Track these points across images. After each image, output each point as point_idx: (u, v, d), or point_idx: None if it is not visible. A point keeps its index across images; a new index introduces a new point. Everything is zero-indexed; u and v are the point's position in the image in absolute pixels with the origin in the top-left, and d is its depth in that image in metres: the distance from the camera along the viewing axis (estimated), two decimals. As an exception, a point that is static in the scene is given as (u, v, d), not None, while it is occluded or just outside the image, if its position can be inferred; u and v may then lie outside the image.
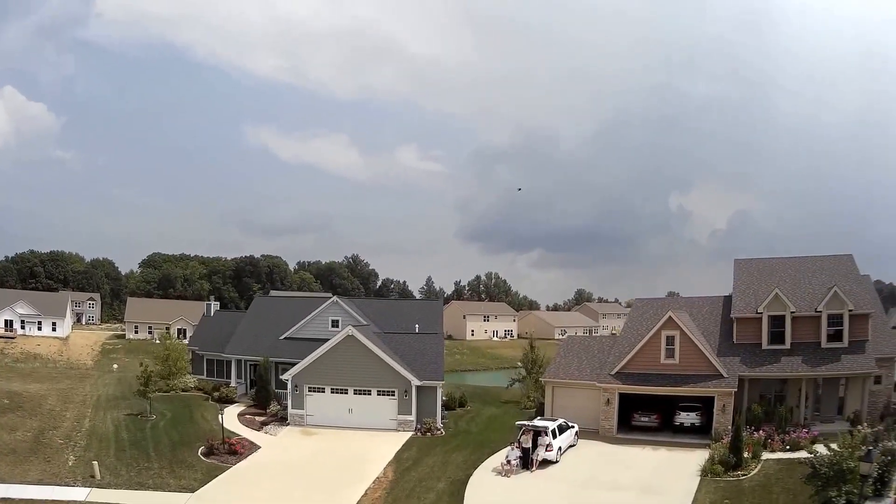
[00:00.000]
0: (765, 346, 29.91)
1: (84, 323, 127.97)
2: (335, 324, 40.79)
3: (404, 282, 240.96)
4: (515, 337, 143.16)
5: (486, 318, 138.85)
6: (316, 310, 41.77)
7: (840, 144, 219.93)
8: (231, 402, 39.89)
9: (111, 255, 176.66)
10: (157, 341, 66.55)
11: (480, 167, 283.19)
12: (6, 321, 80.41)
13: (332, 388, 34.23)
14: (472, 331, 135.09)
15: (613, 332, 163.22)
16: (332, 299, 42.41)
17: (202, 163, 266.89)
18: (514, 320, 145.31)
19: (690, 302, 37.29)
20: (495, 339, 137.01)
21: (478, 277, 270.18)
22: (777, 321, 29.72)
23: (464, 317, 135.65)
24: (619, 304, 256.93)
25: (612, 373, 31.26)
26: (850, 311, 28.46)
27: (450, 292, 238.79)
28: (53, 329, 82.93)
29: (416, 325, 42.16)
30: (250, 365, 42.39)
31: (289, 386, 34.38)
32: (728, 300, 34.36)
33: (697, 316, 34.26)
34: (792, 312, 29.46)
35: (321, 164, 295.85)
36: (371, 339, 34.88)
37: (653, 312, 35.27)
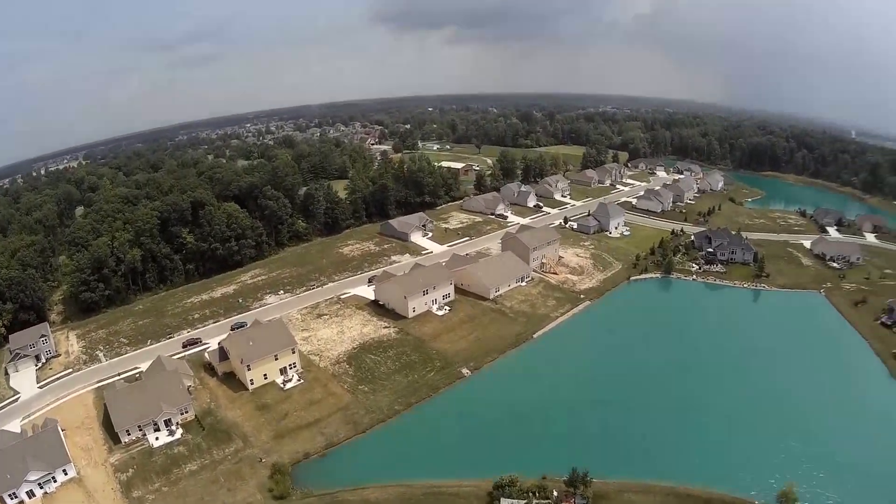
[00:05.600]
0: None
1: (45, 361, 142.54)
2: None
3: (328, 186, 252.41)
4: (452, 297, 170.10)
5: (426, 292, 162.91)
6: None
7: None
8: None
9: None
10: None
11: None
12: (28, 493, 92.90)
13: None
14: (414, 308, 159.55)
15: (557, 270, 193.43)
16: None
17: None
18: (451, 283, 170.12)
19: None
20: (435, 308, 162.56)
21: (402, 161, 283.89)
22: None
23: (405, 297, 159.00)
24: (539, 207, 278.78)
25: None
26: None
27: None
28: (65, 473, 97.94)
29: None
30: None
31: None
32: None
33: None
34: None
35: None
36: None
37: None
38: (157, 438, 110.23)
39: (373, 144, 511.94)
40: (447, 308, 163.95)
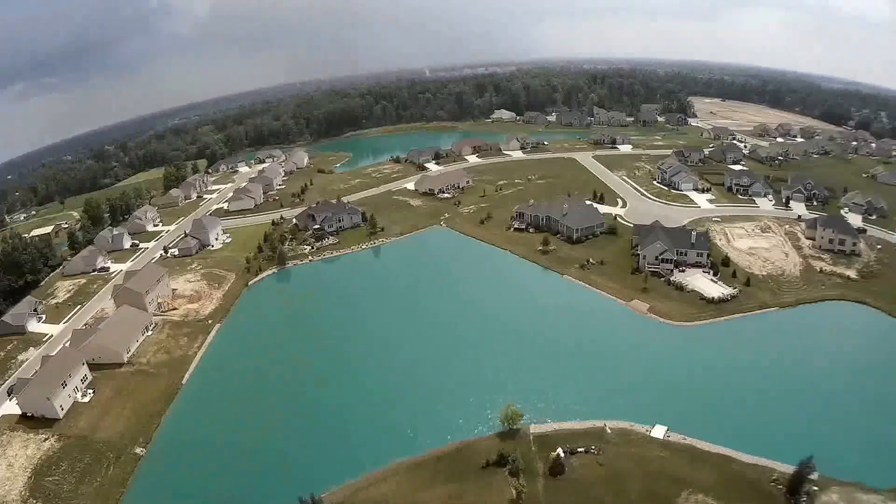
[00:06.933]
0: None
1: None
2: None
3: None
4: (90, 377, 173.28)
5: (64, 384, 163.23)
6: None
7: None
8: None
9: None
10: None
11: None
12: None
13: None
14: (61, 406, 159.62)
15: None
16: None
17: None
18: (83, 363, 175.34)
19: None
20: (79, 396, 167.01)
21: None
22: None
23: (48, 399, 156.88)
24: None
25: None
26: None
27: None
28: None
29: None
30: None
31: None
32: None
33: None
34: None
35: None
36: None
37: None
38: None
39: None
40: (91, 391, 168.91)
